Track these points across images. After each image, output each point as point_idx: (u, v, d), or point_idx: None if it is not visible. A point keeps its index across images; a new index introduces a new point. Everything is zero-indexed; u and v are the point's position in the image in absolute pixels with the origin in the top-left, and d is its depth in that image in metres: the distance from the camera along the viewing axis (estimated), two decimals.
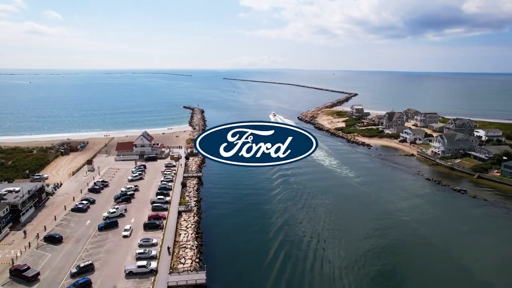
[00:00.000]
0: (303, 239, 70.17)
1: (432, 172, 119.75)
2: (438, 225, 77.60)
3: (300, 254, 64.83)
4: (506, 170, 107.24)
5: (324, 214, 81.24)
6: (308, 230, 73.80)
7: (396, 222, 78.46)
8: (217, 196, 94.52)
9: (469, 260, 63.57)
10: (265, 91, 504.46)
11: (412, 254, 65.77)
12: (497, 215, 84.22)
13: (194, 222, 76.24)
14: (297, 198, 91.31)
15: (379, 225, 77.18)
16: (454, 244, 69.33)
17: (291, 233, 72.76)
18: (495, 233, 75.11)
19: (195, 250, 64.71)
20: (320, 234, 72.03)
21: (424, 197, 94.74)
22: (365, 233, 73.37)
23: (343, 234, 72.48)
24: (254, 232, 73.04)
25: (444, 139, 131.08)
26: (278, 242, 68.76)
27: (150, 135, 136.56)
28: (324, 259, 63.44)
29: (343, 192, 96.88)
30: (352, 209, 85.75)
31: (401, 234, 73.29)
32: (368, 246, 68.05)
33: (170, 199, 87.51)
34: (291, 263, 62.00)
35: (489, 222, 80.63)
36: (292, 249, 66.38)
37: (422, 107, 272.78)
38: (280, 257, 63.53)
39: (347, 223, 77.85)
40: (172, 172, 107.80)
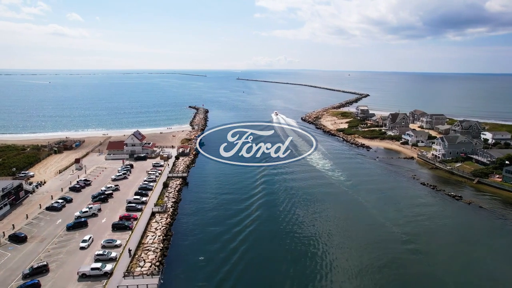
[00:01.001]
0: (274, 257, 63.37)
1: (430, 176, 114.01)
2: (424, 236, 72.29)
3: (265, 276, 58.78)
4: (508, 175, 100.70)
5: (305, 225, 76.09)
6: (283, 247, 66.52)
7: (380, 232, 73.94)
8: (198, 198, 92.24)
9: (448, 274, 58.92)
10: (275, 92, 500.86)
11: (393, 266, 61.58)
12: (490, 223, 78.59)
13: (166, 224, 74.24)
14: (279, 205, 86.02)
15: (361, 235, 73.11)
16: (437, 255, 64.63)
17: (263, 246, 66.60)
18: (484, 243, 69.77)
19: (159, 253, 62.61)
20: (296, 250, 66.23)
21: (415, 204, 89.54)
22: (345, 244, 69.48)
23: (322, 246, 68.63)
24: (225, 241, 68.43)
25: (445, 142, 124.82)
26: (245, 254, 63.69)
27: (142, 134, 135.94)
28: (296, 275, 60.13)
29: (329, 198, 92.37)
30: (336, 217, 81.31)
31: (383, 245, 68.94)
32: (349, 257, 64.27)
33: (147, 199, 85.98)
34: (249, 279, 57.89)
35: (479, 230, 75.27)
36: (258, 266, 60.85)
37: (435, 108, 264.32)
38: (242, 271, 59.80)
39: (328, 234, 73.78)
40: (157, 172, 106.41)
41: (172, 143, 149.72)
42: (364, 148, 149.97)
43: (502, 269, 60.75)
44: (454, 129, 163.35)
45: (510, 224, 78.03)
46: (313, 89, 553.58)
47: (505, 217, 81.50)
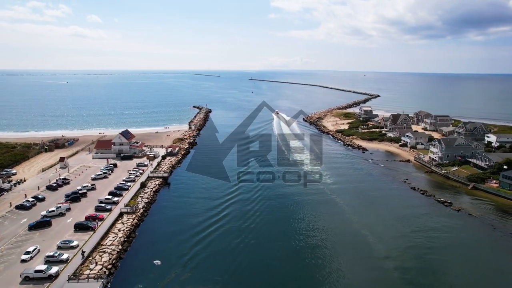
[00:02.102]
0: (241, 265, 60.44)
1: (423, 180, 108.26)
2: (402, 247, 67.61)
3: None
4: (504, 181, 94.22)
5: (280, 232, 72.32)
6: (252, 256, 62.71)
7: (355, 240, 69.75)
8: (174, 200, 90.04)
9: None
10: (285, 92, 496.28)
11: (363, 274, 57.55)
12: (476, 232, 73.07)
13: (131, 225, 72.27)
14: (250, 211, 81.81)
15: (334, 241, 69.18)
16: (411, 270, 60.09)
17: (222, 255, 62.60)
18: (465, 255, 64.54)
19: (114, 255, 60.58)
20: (258, 261, 62.61)
21: (400, 210, 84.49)
22: (313, 251, 65.77)
23: (290, 252, 65.29)
24: (187, 246, 65.14)
25: (442, 144, 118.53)
26: (202, 262, 60.24)
27: (130, 133, 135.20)
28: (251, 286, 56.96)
29: (308, 202, 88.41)
30: (310, 222, 77.57)
31: (355, 253, 64.92)
32: (317, 264, 60.66)
33: (119, 199, 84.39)
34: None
35: (462, 239, 69.69)
36: (211, 274, 57.74)
37: (445, 109, 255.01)
38: (193, 277, 56.98)
39: (302, 239, 70.33)
40: (138, 172, 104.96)
41: (164, 143, 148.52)
42: (360, 150, 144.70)
43: (482, 282, 55.83)
44: (458, 131, 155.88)
45: (497, 233, 72.29)
46: (324, 90, 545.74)
47: (494, 225, 75.68)
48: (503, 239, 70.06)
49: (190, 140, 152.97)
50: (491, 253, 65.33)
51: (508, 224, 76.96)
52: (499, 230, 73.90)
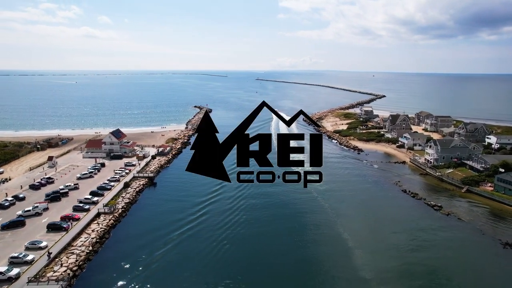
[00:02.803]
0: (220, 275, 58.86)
1: (417, 182, 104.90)
2: (382, 250, 64.99)
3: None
4: (499, 184, 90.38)
5: (255, 234, 70.17)
6: (214, 263, 60.72)
7: (333, 244, 67.28)
8: (157, 200, 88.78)
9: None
10: (289, 92, 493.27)
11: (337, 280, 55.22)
12: (462, 238, 69.72)
13: (106, 226, 71.07)
14: (228, 213, 79.13)
15: (310, 242, 66.90)
16: (387, 274, 57.44)
17: (193, 258, 60.98)
18: (447, 260, 61.43)
19: (82, 257, 59.31)
20: (231, 266, 60.69)
21: (387, 213, 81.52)
22: (285, 256, 63.60)
23: (265, 258, 63.26)
24: (160, 249, 63.25)
25: (438, 146, 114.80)
26: (169, 265, 58.29)
27: (122, 133, 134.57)
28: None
29: (291, 204, 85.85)
30: (291, 225, 75.35)
31: (332, 257, 62.51)
32: (291, 271, 58.49)
33: (99, 199, 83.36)
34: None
35: (445, 247, 66.32)
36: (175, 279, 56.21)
37: (451, 110, 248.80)
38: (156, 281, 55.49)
39: (277, 242, 68.27)
40: (124, 172, 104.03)
41: (158, 142, 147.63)
42: (355, 150, 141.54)
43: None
44: (458, 132, 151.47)
45: (485, 238, 68.96)
46: (329, 90, 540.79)
47: (483, 230, 72.27)
48: (489, 245, 66.77)
49: (183, 140, 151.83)
50: (475, 259, 62.26)
51: (498, 229, 73.49)
52: (488, 235, 70.48)
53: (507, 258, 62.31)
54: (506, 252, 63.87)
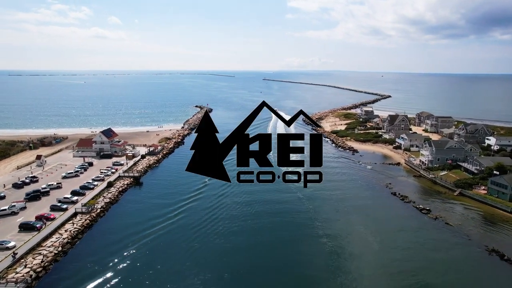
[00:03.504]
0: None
1: (409, 185, 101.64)
2: (358, 254, 62.62)
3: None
4: (493, 187, 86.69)
5: (233, 240, 68.13)
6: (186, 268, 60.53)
7: (311, 245, 65.12)
8: (139, 201, 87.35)
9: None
10: (294, 92, 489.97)
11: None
12: (446, 244, 66.55)
13: (81, 226, 70.04)
14: (207, 212, 78.42)
15: (286, 245, 64.69)
16: (362, 278, 54.96)
17: (165, 261, 59.28)
18: (427, 265, 58.58)
19: (49, 258, 58.28)
20: (203, 270, 60.01)
21: (371, 217, 78.51)
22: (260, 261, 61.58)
23: (237, 265, 61.36)
24: (134, 255, 61.65)
25: (432, 147, 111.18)
26: (139, 270, 56.66)
27: (113, 132, 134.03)
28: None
29: (273, 205, 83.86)
30: (270, 224, 73.54)
31: (309, 261, 60.31)
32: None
33: (79, 198, 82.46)
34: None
35: (426, 252, 63.43)
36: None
37: (456, 110, 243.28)
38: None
39: (253, 240, 66.38)
40: (110, 171, 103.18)
41: (151, 142, 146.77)
42: (350, 151, 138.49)
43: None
44: (458, 133, 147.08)
45: (470, 244, 65.76)
46: (335, 90, 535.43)
47: (470, 236, 69.03)
48: (474, 251, 63.64)
49: (177, 140, 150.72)
50: (456, 265, 59.28)
51: (486, 235, 70.17)
52: (474, 240, 67.30)
53: (490, 265, 59.21)
54: (491, 259, 60.72)
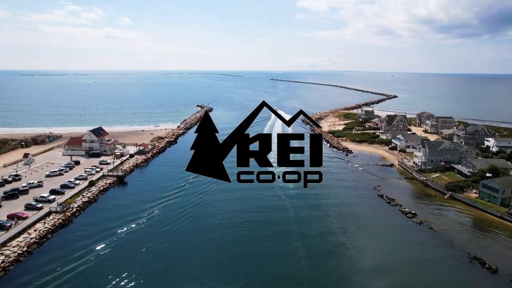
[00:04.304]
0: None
1: (399, 187, 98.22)
2: (323, 260, 60.03)
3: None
4: (484, 190, 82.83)
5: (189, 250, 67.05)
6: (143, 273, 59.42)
7: (282, 246, 62.75)
8: (119, 200, 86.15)
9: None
10: (299, 92, 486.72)
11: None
12: (426, 250, 63.44)
13: (52, 226, 69.01)
14: (190, 210, 78.33)
15: (258, 241, 62.52)
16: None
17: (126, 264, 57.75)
18: (395, 276, 55.61)
19: (11, 258, 57.25)
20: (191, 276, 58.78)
21: (352, 220, 75.32)
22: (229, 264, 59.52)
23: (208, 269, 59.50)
24: (100, 255, 60.22)
25: (426, 148, 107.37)
26: (102, 275, 54.58)
27: (103, 131, 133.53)
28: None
29: (251, 206, 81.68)
30: (247, 223, 71.51)
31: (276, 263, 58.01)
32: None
33: (57, 197, 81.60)
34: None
35: (403, 258, 60.44)
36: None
37: (462, 111, 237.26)
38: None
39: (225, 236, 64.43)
40: (94, 170, 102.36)
41: (144, 141, 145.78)
42: (344, 152, 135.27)
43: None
44: (457, 134, 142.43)
45: (452, 251, 62.46)
46: (342, 90, 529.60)
47: (453, 242, 65.57)
48: (454, 258, 60.41)
49: (170, 139, 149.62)
50: (433, 272, 56.09)
51: (470, 241, 66.68)
52: (457, 247, 63.91)
53: (468, 274, 55.97)
54: (470, 267, 57.41)
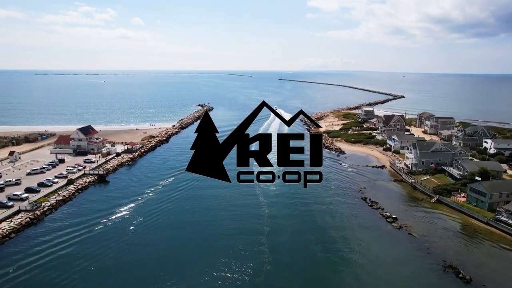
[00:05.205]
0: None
1: (386, 190, 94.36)
2: (299, 260, 57.35)
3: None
4: (472, 194, 78.58)
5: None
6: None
7: (246, 245, 60.32)
8: (96, 199, 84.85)
9: None
10: (304, 91, 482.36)
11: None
12: (398, 258, 60.03)
13: (18, 224, 68.06)
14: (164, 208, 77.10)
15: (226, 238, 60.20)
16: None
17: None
18: (363, 283, 52.42)
19: None
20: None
21: (328, 223, 72.45)
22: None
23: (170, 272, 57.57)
24: (60, 256, 58.64)
25: (417, 149, 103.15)
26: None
27: (93, 129, 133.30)
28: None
29: (229, 206, 79.84)
30: (211, 226, 69.34)
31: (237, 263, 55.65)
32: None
33: (31, 196, 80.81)
34: None
35: (366, 266, 57.08)
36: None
37: (469, 112, 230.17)
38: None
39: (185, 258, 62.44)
40: (76, 168, 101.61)
41: (136, 140, 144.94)
42: (337, 152, 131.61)
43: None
44: (456, 135, 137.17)
45: (427, 258, 58.91)
46: (348, 90, 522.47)
47: (430, 249, 61.93)
48: (428, 266, 56.96)
49: (161, 138, 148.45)
50: (400, 282, 52.71)
51: (449, 248, 62.87)
52: (434, 254, 60.28)
53: (438, 283, 52.26)
54: (443, 276, 53.82)
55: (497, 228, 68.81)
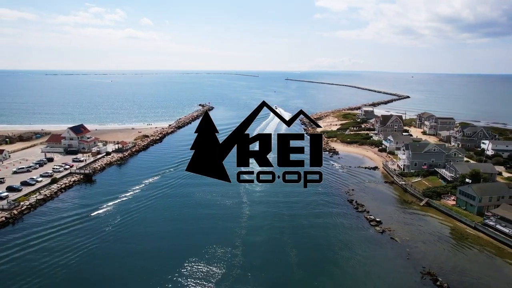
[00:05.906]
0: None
1: (376, 192, 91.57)
2: (273, 262, 55.41)
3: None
4: (461, 197, 75.54)
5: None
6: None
7: (217, 245, 58.59)
8: (78, 199, 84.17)
9: None
10: (309, 91, 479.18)
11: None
12: (375, 263, 57.58)
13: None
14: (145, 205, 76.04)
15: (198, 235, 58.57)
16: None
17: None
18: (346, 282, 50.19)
19: None
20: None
21: (308, 225, 70.24)
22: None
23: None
24: (33, 257, 58.37)
25: (409, 150, 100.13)
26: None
27: (84, 128, 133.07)
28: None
29: (212, 201, 78.28)
30: (197, 220, 67.81)
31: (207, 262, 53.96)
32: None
33: (11, 194, 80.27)
34: None
35: (341, 270, 54.84)
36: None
37: (473, 112, 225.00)
38: None
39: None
40: (63, 167, 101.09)
41: (131, 139, 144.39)
42: (330, 153, 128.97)
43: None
44: (454, 136, 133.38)
45: (407, 264, 56.39)
46: (353, 90, 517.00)
47: (411, 255, 59.41)
48: (406, 272, 54.64)
49: (155, 138, 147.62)
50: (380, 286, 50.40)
51: (431, 254, 60.17)
52: (413, 260, 57.75)
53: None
54: (419, 284, 51.34)
55: (485, 233, 65.80)
